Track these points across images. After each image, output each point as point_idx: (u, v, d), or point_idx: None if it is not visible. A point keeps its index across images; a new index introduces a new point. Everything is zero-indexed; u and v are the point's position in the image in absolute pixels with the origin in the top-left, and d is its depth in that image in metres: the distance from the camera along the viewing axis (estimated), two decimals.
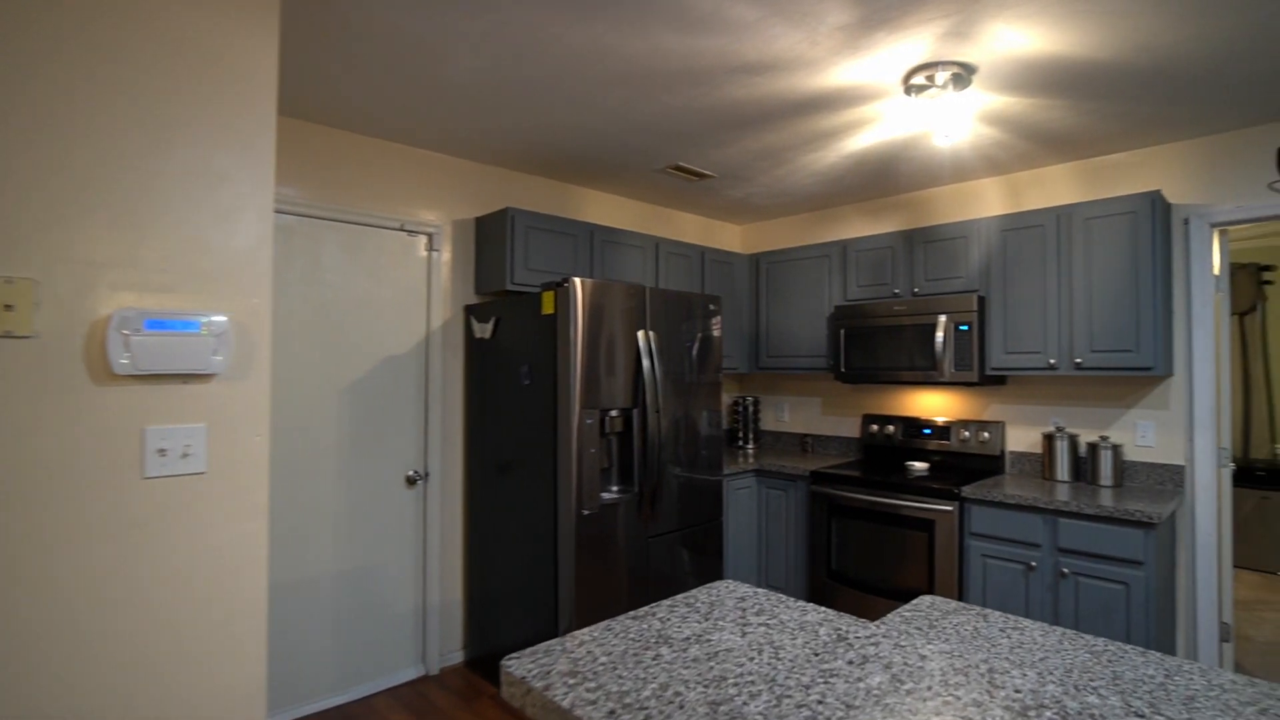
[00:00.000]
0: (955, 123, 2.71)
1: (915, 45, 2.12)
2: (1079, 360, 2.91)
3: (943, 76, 2.26)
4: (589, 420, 2.62)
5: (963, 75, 2.28)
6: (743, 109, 2.64)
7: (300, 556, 2.74)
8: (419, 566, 3.09)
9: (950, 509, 2.97)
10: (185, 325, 1.48)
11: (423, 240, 3.13)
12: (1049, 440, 3.14)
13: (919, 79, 2.31)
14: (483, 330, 3.08)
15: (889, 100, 2.54)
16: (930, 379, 3.26)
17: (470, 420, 3.20)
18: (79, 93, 1.36)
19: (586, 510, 2.61)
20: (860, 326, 3.53)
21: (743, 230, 4.81)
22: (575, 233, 3.29)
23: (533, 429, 2.78)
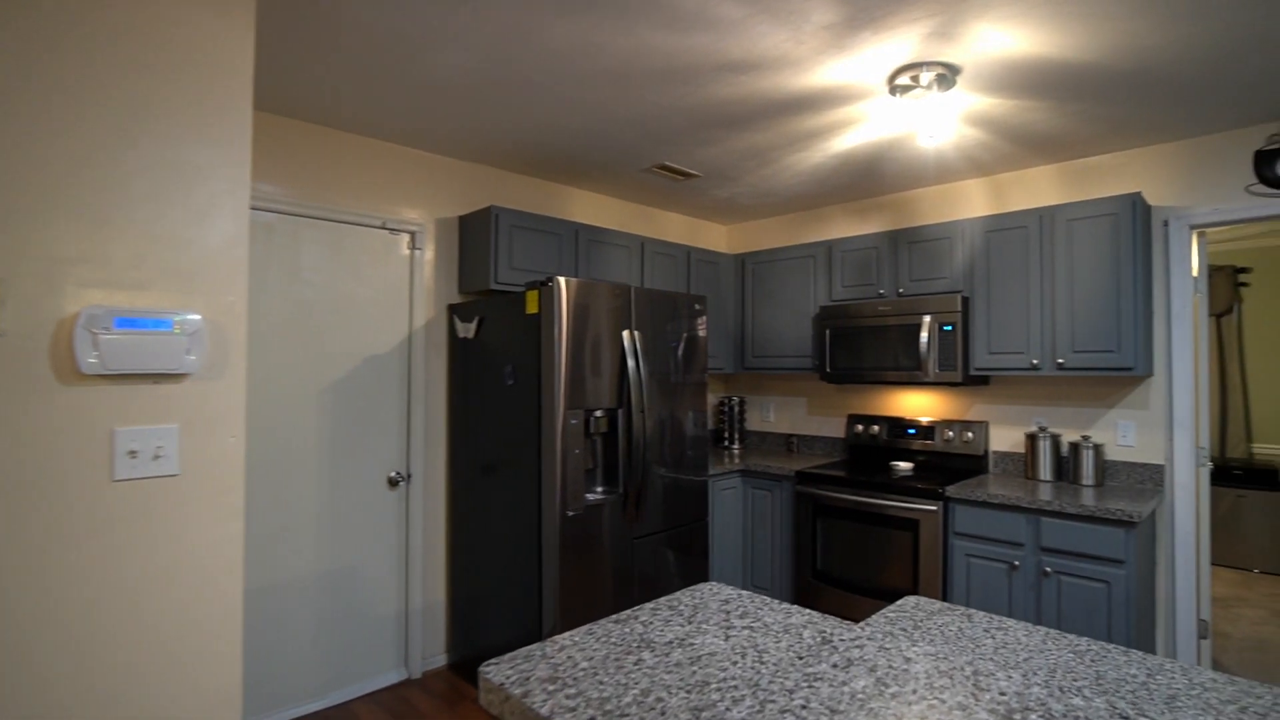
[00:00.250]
0: (940, 123, 2.72)
1: (900, 45, 2.12)
2: (1061, 360, 2.93)
3: (927, 77, 2.27)
4: (573, 421, 2.60)
5: (947, 76, 2.28)
6: (728, 108, 2.63)
7: (279, 559, 2.69)
8: (401, 569, 3.05)
9: (934, 509, 2.98)
10: (157, 324, 1.44)
11: (405, 239, 3.09)
12: (1032, 440, 3.16)
13: (904, 79, 2.31)
14: (466, 330, 3.05)
15: (874, 100, 2.54)
16: (915, 379, 3.28)
17: (453, 421, 3.17)
18: (43, 85, 1.32)
19: (571, 511, 2.59)
20: (845, 327, 3.54)
21: (728, 230, 4.81)
22: (560, 232, 3.27)
23: (517, 429, 2.75)
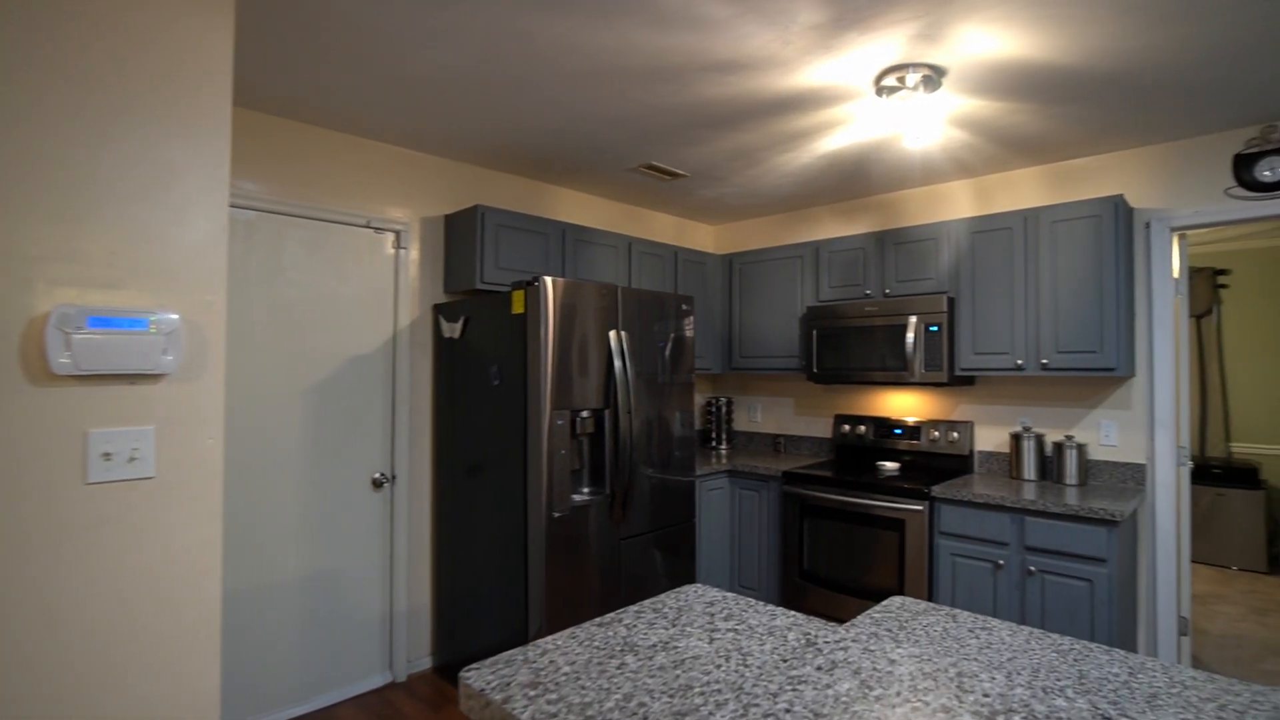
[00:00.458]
0: (926, 125, 2.73)
1: (886, 46, 2.12)
2: (1045, 361, 2.95)
3: (913, 78, 2.27)
4: (560, 421, 2.59)
5: (933, 77, 2.29)
6: (715, 108, 2.62)
7: (261, 562, 2.65)
8: (386, 571, 3.02)
9: (920, 508, 2.99)
10: (132, 323, 1.42)
11: (390, 238, 3.06)
12: (1016, 440, 3.18)
13: (890, 80, 2.32)
14: (452, 330, 3.02)
15: (860, 101, 2.54)
16: (901, 379, 3.29)
17: (439, 421, 3.14)
18: (12, 79, 1.29)
19: (557, 512, 2.57)
20: (832, 327, 3.55)
21: (716, 230, 4.81)
22: (547, 231, 3.25)
23: (503, 430, 2.73)
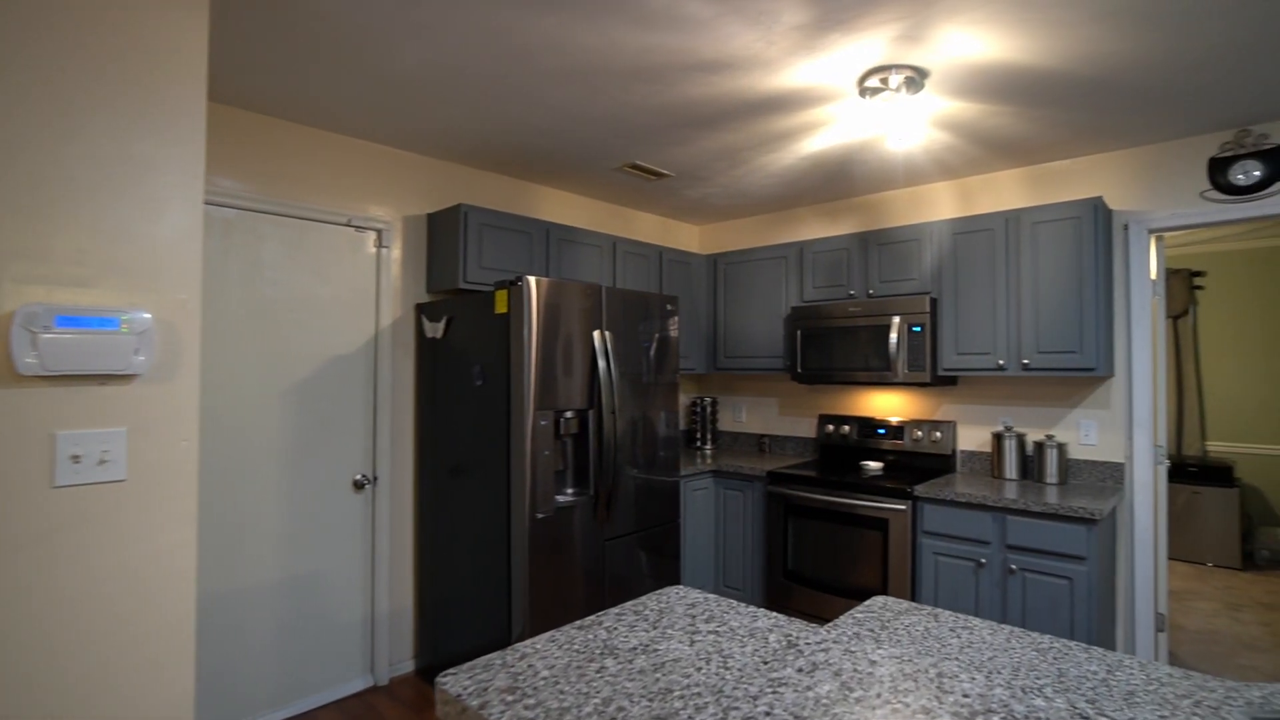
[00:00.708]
0: (909, 126, 2.75)
1: (869, 47, 2.13)
2: (1026, 361, 2.98)
3: (896, 80, 2.28)
4: (543, 422, 2.57)
5: (916, 79, 2.30)
6: (699, 108, 2.62)
7: (239, 565, 2.61)
8: (367, 573, 2.99)
9: (903, 508, 3.01)
10: (102, 322, 1.38)
11: (371, 236, 3.02)
12: (998, 439, 3.21)
13: (873, 81, 2.32)
14: (434, 330, 2.99)
15: (844, 102, 2.55)
16: (884, 379, 3.31)
17: (421, 422, 3.11)
18: None
19: (541, 513, 2.56)
20: (816, 327, 3.56)
21: (701, 231, 4.81)
22: (530, 231, 3.23)
23: (486, 431, 2.71)
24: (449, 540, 2.91)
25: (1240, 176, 2.75)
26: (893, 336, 3.24)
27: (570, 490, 2.78)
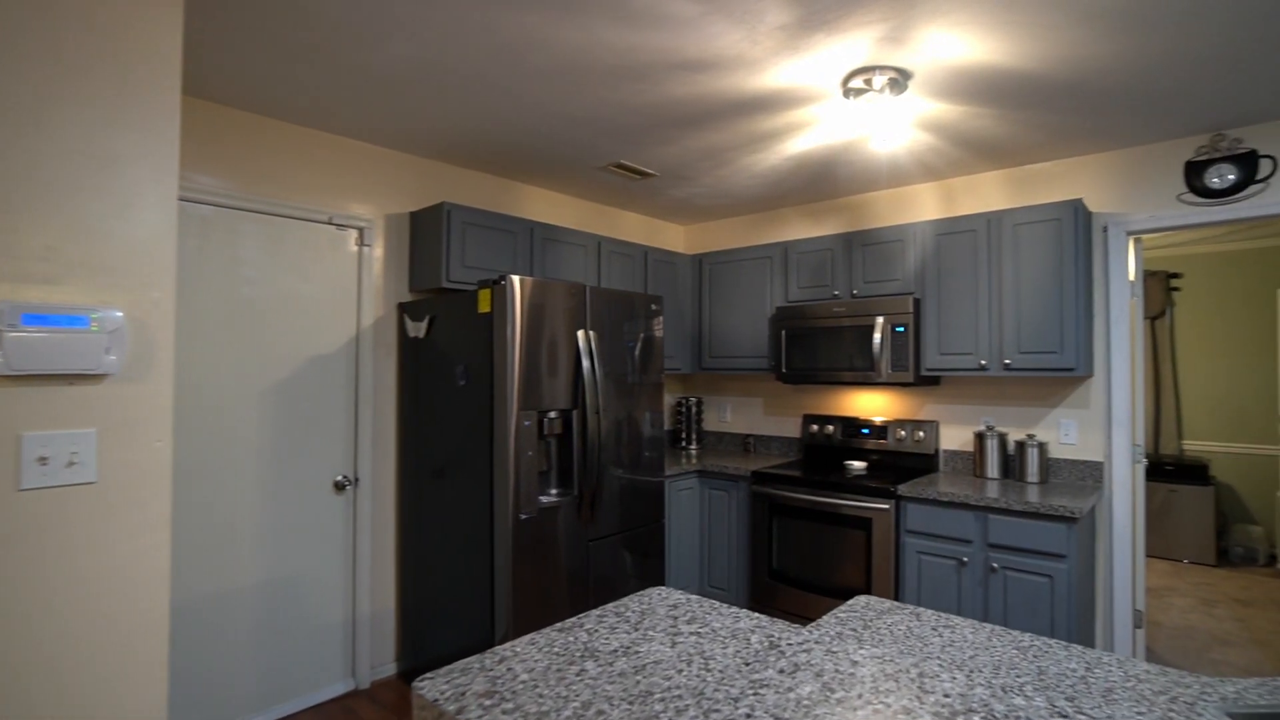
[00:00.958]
0: (893, 128, 2.76)
1: (853, 48, 2.13)
2: (1008, 361, 3.00)
3: (880, 81, 2.29)
4: (527, 422, 2.55)
5: (899, 80, 2.31)
6: (684, 107, 2.61)
7: (217, 568, 2.56)
8: (348, 575, 2.95)
9: (887, 507, 3.02)
10: (72, 320, 1.35)
11: (353, 235, 2.98)
12: (980, 439, 3.23)
13: (857, 82, 2.33)
14: (417, 329, 2.96)
15: (828, 103, 2.56)
16: (868, 379, 3.32)
17: (403, 423, 3.08)
18: None
19: (524, 514, 2.54)
20: (801, 327, 3.57)
21: (686, 230, 4.81)
22: (515, 230, 3.21)
23: (469, 431, 2.68)
24: (432, 541, 2.88)
25: (1215, 180, 2.80)
26: (876, 337, 3.26)
27: (554, 491, 2.76)
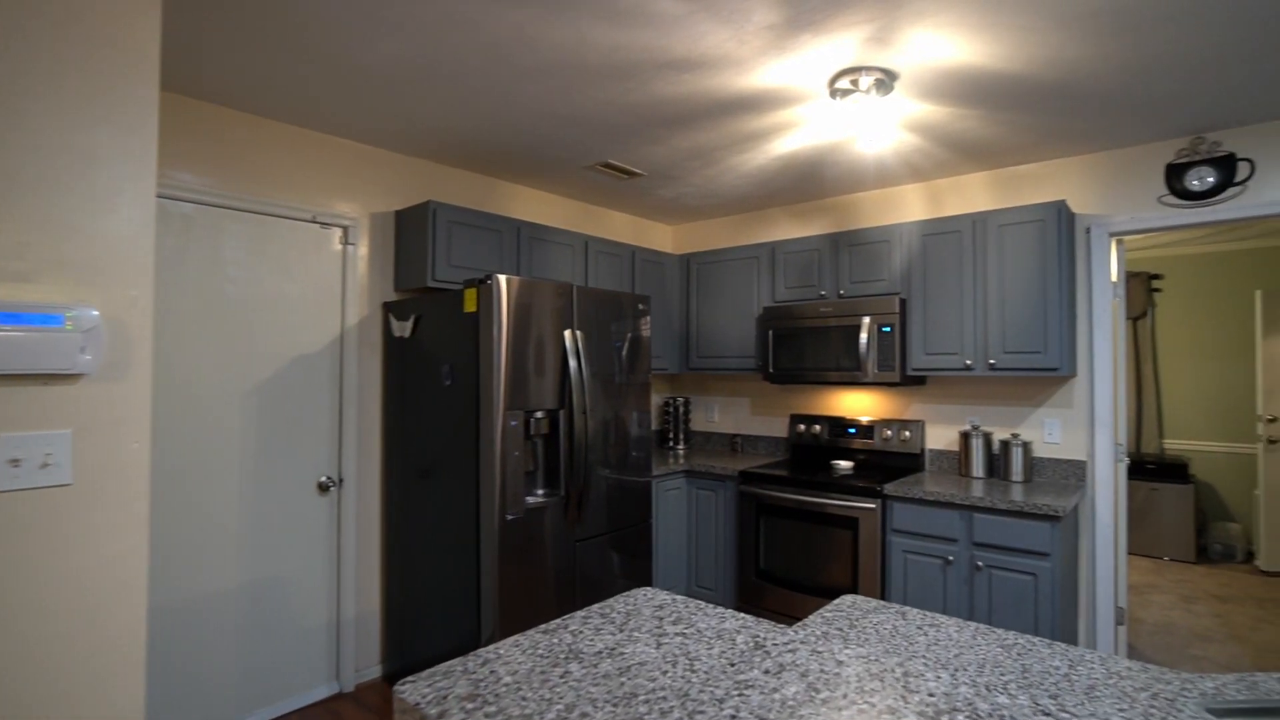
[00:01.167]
0: (879, 128, 2.77)
1: (840, 48, 2.14)
2: (993, 361, 3.03)
3: (866, 81, 2.30)
4: (513, 422, 2.53)
5: (885, 81, 2.32)
6: (672, 106, 2.61)
7: (198, 571, 2.53)
8: (333, 577, 2.92)
9: (873, 506, 3.03)
10: (45, 319, 1.32)
11: (337, 233, 2.95)
12: (965, 438, 3.26)
13: (844, 83, 2.34)
14: (402, 329, 2.94)
15: (815, 103, 2.56)
16: (855, 379, 3.33)
17: (388, 423, 3.05)
18: None
19: (511, 515, 2.52)
20: (788, 327, 3.58)
21: (674, 230, 4.80)
22: (501, 229, 3.19)
23: (454, 431, 2.66)
24: (417, 543, 2.86)
25: (1195, 182, 2.83)
26: (863, 337, 3.27)
27: (541, 491, 2.75)
